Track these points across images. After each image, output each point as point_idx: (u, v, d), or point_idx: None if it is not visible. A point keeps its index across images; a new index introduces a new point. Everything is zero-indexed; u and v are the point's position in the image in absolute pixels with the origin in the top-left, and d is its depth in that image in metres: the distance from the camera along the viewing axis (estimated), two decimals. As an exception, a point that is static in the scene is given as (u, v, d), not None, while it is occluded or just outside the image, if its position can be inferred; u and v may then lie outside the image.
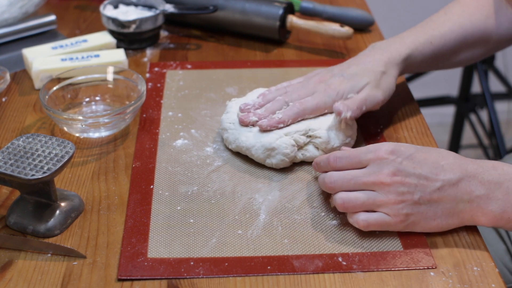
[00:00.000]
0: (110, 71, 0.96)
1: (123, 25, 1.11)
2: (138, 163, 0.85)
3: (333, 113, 0.84)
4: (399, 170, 0.71)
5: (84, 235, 0.74)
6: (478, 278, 0.68)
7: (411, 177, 0.71)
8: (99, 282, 0.68)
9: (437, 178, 0.71)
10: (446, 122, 2.40)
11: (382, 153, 0.72)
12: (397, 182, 0.70)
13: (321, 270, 0.69)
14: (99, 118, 0.87)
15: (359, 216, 0.72)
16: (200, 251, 0.72)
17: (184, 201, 0.79)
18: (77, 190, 0.81)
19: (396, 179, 0.70)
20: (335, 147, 0.83)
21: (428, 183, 0.71)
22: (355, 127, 0.87)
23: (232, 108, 0.88)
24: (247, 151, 0.84)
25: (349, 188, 0.73)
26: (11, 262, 0.71)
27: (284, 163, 0.82)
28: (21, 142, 0.75)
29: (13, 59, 1.10)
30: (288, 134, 0.82)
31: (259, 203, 0.78)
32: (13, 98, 1.00)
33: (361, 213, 0.72)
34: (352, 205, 0.72)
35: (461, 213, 0.72)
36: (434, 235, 0.74)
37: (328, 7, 1.21)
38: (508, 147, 2.00)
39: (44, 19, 1.19)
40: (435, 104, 2.27)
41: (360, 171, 0.73)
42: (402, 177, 0.71)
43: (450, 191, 0.71)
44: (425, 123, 0.94)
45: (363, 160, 0.73)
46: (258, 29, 1.15)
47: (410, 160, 0.71)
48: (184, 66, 1.08)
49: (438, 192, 0.71)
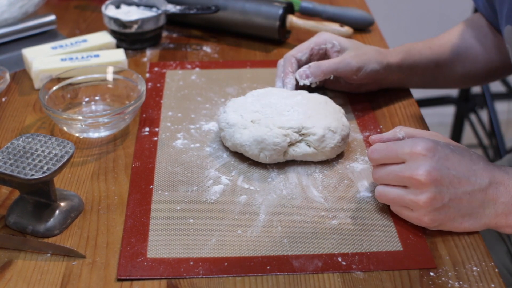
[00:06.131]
0: (110, 71, 0.96)
1: (125, 25, 1.11)
2: (137, 163, 0.85)
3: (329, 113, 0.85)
4: (435, 168, 0.70)
5: (84, 235, 0.74)
6: (478, 278, 0.68)
7: (445, 177, 0.71)
8: (99, 282, 0.68)
9: (469, 181, 0.71)
10: (446, 122, 2.40)
11: (420, 149, 0.71)
12: (431, 180, 0.70)
13: (320, 270, 0.69)
14: (98, 118, 0.87)
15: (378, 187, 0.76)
16: (200, 251, 0.72)
17: (183, 201, 0.79)
18: (77, 190, 0.81)
19: (431, 177, 0.70)
20: (328, 147, 0.83)
21: (461, 185, 0.71)
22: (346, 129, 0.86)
23: (230, 108, 0.88)
24: (241, 148, 0.84)
25: (389, 181, 0.74)
26: (10, 262, 0.71)
27: (277, 153, 0.82)
28: (20, 142, 0.75)
29: (13, 59, 1.10)
30: (281, 128, 0.83)
31: (259, 203, 0.78)
32: (13, 98, 1.00)
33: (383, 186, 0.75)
34: (385, 199, 0.75)
35: (486, 218, 0.72)
36: (434, 235, 0.74)
37: (328, 7, 1.21)
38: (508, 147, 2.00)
39: (44, 19, 1.19)
40: (435, 104, 2.27)
41: (397, 165, 0.73)
42: (437, 175, 0.70)
43: (479, 196, 0.71)
44: (425, 123, 0.94)
45: (400, 154, 0.73)
46: (258, 29, 1.15)
47: (446, 159, 0.71)
48: (184, 66, 1.08)
49: (468, 196, 0.71)
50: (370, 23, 1.20)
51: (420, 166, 0.71)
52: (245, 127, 0.84)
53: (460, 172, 0.71)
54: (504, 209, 0.72)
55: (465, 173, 0.71)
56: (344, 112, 0.90)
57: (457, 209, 0.71)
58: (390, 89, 1.02)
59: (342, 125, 0.85)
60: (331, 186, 0.81)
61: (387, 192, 0.74)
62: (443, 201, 0.71)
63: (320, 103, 0.88)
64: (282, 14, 1.13)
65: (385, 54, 0.95)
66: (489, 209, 0.72)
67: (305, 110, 0.86)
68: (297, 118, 0.84)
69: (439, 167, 0.71)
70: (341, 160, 0.86)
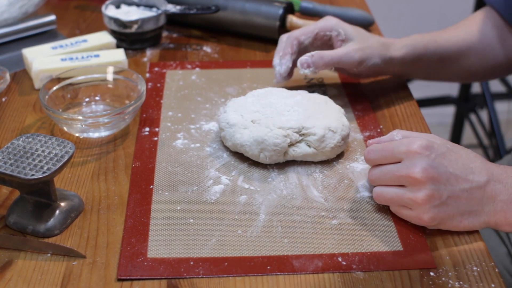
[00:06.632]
0: (110, 71, 0.96)
1: (125, 25, 1.11)
2: (138, 163, 0.85)
3: (329, 113, 0.85)
4: (431, 166, 0.70)
5: (84, 235, 0.74)
6: (478, 278, 0.68)
7: (442, 174, 0.71)
8: (99, 282, 0.68)
9: (467, 179, 0.71)
10: (446, 122, 2.40)
11: (416, 147, 0.71)
12: (428, 178, 0.70)
13: (320, 270, 0.69)
14: (99, 118, 0.87)
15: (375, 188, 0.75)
16: (200, 251, 0.72)
17: (184, 201, 0.79)
18: (77, 190, 0.81)
19: (428, 175, 0.70)
20: (328, 147, 0.83)
21: (458, 182, 0.71)
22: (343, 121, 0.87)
23: (230, 108, 0.88)
24: (242, 148, 0.84)
25: (385, 182, 0.74)
26: (11, 262, 0.71)
27: (277, 154, 0.82)
28: (21, 142, 0.75)
29: (13, 59, 1.10)
30: (281, 129, 0.83)
31: (259, 203, 0.78)
32: (13, 98, 1.00)
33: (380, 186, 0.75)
34: (383, 200, 0.75)
35: (486, 215, 0.72)
36: (434, 235, 0.74)
37: (328, 7, 1.21)
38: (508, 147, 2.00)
39: (44, 19, 1.19)
40: (435, 104, 2.27)
41: (394, 165, 0.73)
42: (434, 173, 0.70)
43: (477, 193, 0.71)
44: (425, 123, 0.94)
45: (396, 153, 0.73)
46: (258, 29, 1.15)
47: (443, 157, 0.71)
48: (184, 66, 1.08)
49: (466, 193, 0.71)
50: (370, 23, 1.20)
51: (416, 164, 0.71)
52: (246, 127, 0.84)
53: (457, 169, 0.71)
54: (503, 206, 0.72)
55: (463, 171, 0.71)
56: (344, 112, 0.90)
57: (456, 206, 0.71)
58: (390, 89, 1.02)
59: (342, 125, 0.85)
60: (331, 186, 0.81)
61: (384, 192, 0.74)
62: (441, 199, 0.70)
63: (320, 103, 0.88)
64: (282, 14, 1.13)
65: (388, 47, 0.95)
66: (488, 207, 0.72)
67: (305, 110, 0.86)
68: (297, 118, 0.84)
69: (436, 164, 0.71)
70: (341, 160, 0.86)
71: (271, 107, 0.86)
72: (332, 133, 0.84)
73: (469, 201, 0.71)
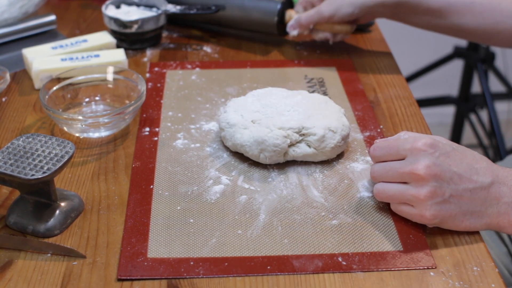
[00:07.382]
0: (110, 71, 0.96)
1: (125, 25, 1.11)
2: (138, 163, 0.85)
3: (329, 113, 0.85)
4: (435, 164, 0.70)
5: (84, 235, 0.74)
6: (478, 278, 0.68)
7: (445, 172, 0.70)
8: (99, 282, 0.68)
9: (471, 179, 0.71)
10: (446, 122, 2.40)
11: (420, 145, 0.71)
12: (431, 175, 0.70)
13: (321, 270, 0.69)
14: (99, 118, 0.87)
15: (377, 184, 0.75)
16: (200, 251, 0.72)
17: (184, 201, 0.79)
18: (77, 190, 0.81)
19: (431, 172, 0.70)
20: (328, 147, 0.83)
21: (462, 182, 0.71)
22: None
23: (230, 108, 0.88)
24: (242, 148, 0.84)
25: (388, 179, 0.74)
26: (11, 262, 0.71)
27: (277, 154, 0.82)
28: (21, 142, 0.75)
29: (13, 59, 1.10)
30: (281, 129, 0.83)
31: (259, 203, 0.78)
32: (13, 98, 1.00)
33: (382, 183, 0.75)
34: (385, 196, 0.75)
35: (488, 217, 0.72)
36: (434, 235, 0.74)
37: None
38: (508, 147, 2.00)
39: (44, 19, 1.19)
40: (435, 104, 2.27)
41: (397, 162, 0.73)
42: (437, 171, 0.70)
43: (481, 194, 0.71)
44: (425, 123, 0.94)
45: (401, 150, 0.73)
46: (256, 25, 1.14)
47: (447, 156, 0.71)
48: (184, 66, 1.08)
49: (470, 193, 0.71)
50: (370, 23, 1.20)
51: (420, 160, 0.71)
52: (246, 127, 0.84)
53: (461, 169, 0.71)
54: (507, 209, 0.72)
55: (467, 171, 0.71)
56: (344, 112, 0.90)
57: (458, 206, 0.71)
58: (390, 89, 1.02)
59: (342, 125, 0.85)
60: (331, 186, 0.81)
61: (386, 189, 0.74)
62: (444, 196, 0.70)
63: (320, 103, 0.88)
64: (280, 9, 1.12)
65: None
66: (492, 208, 0.72)
67: (305, 110, 0.86)
68: (297, 118, 0.84)
69: (439, 162, 0.71)
70: (341, 160, 0.86)
71: (271, 107, 0.86)
72: (332, 133, 0.84)
73: (472, 201, 0.71)
